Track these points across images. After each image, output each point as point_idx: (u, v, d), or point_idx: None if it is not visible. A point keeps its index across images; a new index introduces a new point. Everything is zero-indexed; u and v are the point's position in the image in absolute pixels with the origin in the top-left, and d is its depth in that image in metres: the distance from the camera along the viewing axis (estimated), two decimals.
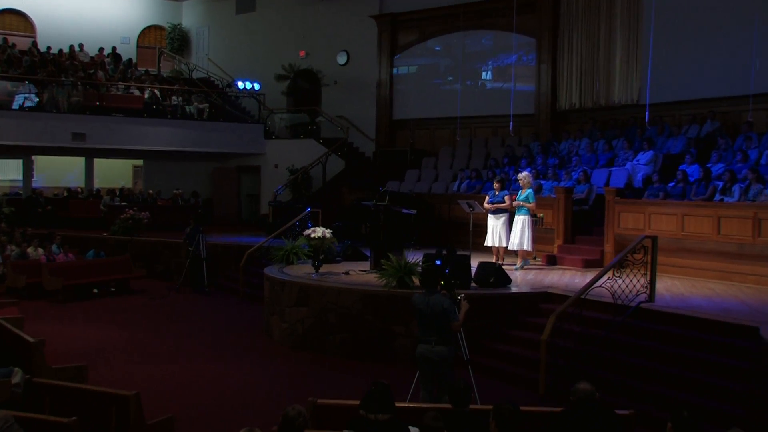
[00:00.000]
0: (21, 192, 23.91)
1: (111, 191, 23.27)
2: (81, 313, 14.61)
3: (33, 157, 26.84)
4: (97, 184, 26.41)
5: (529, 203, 13.79)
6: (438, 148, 23.00)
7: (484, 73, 22.84)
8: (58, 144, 22.05)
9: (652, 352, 9.22)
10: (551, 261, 14.89)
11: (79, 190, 24.24)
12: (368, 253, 13.77)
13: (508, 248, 14.15)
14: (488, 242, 14.43)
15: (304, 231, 12.75)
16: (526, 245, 13.81)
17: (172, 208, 22.81)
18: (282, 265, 13.97)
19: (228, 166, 25.97)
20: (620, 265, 10.12)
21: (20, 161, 26.80)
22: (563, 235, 15.26)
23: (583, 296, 9.76)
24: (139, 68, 27.10)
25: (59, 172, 27.50)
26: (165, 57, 29.65)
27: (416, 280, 11.27)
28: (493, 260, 14.35)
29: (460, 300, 8.03)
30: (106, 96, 23.09)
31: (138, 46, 29.91)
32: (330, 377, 10.42)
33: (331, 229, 12.72)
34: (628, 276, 10.09)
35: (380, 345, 11.11)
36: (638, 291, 10.08)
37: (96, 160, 26.05)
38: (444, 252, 10.45)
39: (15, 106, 21.89)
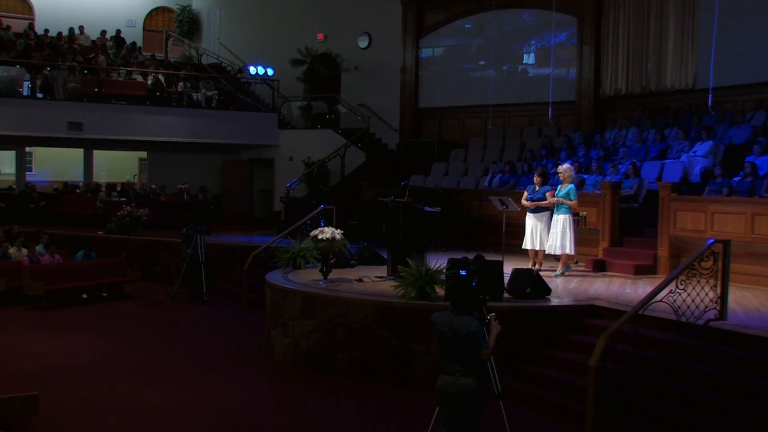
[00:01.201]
0: (15, 186, 22.95)
1: (109, 186, 22.22)
2: (63, 321, 13.54)
3: (31, 149, 26.06)
4: (102, 178, 25.54)
5: (571, 200, 12.45)
6: (468, 139, 21.70)
7: (518, 57, 21.47)
8: (52, 134, 21.07)
9: (724, 382, 7.86)
10: (598, 266, 13.53)
11: (80, 184, 23.23)
12: (388, 257, 12.50)
13: (547, 252, 12.84)
14: (526, 245, 13.14)
15: (311, 231, 11.49)
16: (569, 248, 12.48)
17: (177, 205, 21.71)
18: (288, 270, 12.78)
19: (239, 159, 24.83)
20: (685, 275, 8.77)
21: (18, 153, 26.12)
22: (609, 237, 13.90)
23: (641, 311, 8.44)
24: (144, 53, 26.04)
25: (63, 165, 26.57)
26: (173, 41, 28.57)
27: (440, 290, 10.04)
28: (530, 265, 13.12)
29: (489, 320, 6.75)
30: (105, 82, 22.04)
31: (144, 30, 28.91)
32: (335, 405, 9.19)
33: (342, 230, 11.46)
34: (693, 288, 8.74)
35: (396, 366, 9.86)
36: (706, 306, 8.72)
37: (101, 153, 25.15)
38: (470, 259, 9.14)
39: (27, 93, 21.10)
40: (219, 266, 17.00)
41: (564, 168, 12.74)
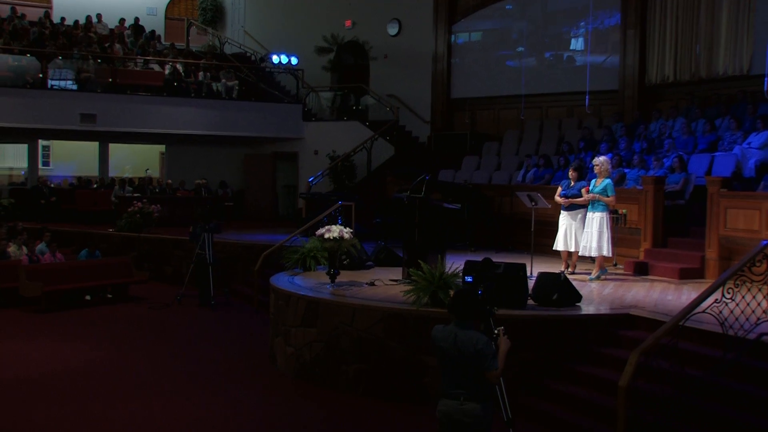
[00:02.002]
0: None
1: (123, 181, 21.72)
2: (58, 325, 12.97)
3: (48, 142, 25.76)
4: (128, 172, 25.08)
5: (608, 197, 11.55)
6: (503, 131, 20.82)
7: (555, 43, 20.51)
8: (64, 126, 20.65)
9: None
10: (638, 269, 12.60)
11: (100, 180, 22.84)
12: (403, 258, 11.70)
13: (580, 254, 11.96)
14: (558, 245, 12.30)
15: (318, 230, 10.73)
16: (606, 250, 11.58)
17: (194, 201, 21.11)
18: (296, 272, 12.06)
19: (262, 153, 24.22)
20: (733, 282, 7.87)
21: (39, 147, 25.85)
22: (652, 237, 12.95)
23: (681, 323, 7.56)
24: (166, 42, 25.53)
25: (86, 160, 25.95)
26: (197, 30, 28.04)
27: None
28: (562, 268, 12.27)
29: (497, 335, 5.96)
30: (120, 72, 21.55)
31: (166, 18, 28.41)
32: (336, 424, 8.44)
33: (364, 228, 10.71)
34: (743, 296, 7.83)
35: (406, 381, 9.08)
36: (758, 318, 7.81)
37: (128, 147, 24.69)
38: (478, 263, 8.28)
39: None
40: (235, 266, 16.38)
41: (600, 161, 11.84)
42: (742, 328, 7.65)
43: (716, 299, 7.63)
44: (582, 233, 11.88)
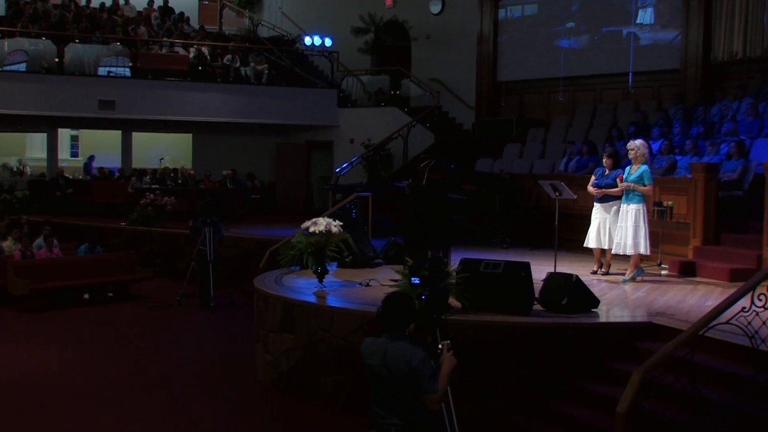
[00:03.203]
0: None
1: (142, 171, 21.23)
2: (43, 326, 12.45)
3: (76, 132, 25.56)
4: (167, 163, 24.57)
5: (644, 185, 10.43)
6: (553, 116, 19.67)
7: (609, 18, 19.22)
8: (82, 113, 20.31)
9: None
10: (685, 270, 11.43)
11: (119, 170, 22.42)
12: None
13: (614, 251, 10.86)
14: (590, 242, 11.22)
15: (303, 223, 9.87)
16: (642, 247, 10.46)
17: (218, 193, 20.44)
18: (295, 270, 11.24)
19: (296, 142, 23.49)
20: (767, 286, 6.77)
21: (65, 136, 25.71)
22: (702, 233, 11.76)
23: (701, 333, 6.49)
24: (199, 26, 25.01)
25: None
26: (234, 13, 27.43)
27: (452, 300, 8.30)
28: (595, 268, 11.22)
29: (441, 350, 5.04)
30: (141, 56, 21.05)
31: (200, 0, 27.91)
32: None
33: (341, 222, 9.83)
34: None
35: None
36: None
37: (166, 136, 24.22)
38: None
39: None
40: (247, 263, 15.65)
41: (636, 144, 10.71)
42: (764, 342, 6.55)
43: (743, 307, 6.52)
44: (616, 228, 10.79)
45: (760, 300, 6.50)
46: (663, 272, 11.68)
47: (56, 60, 20.16)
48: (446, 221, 9.99)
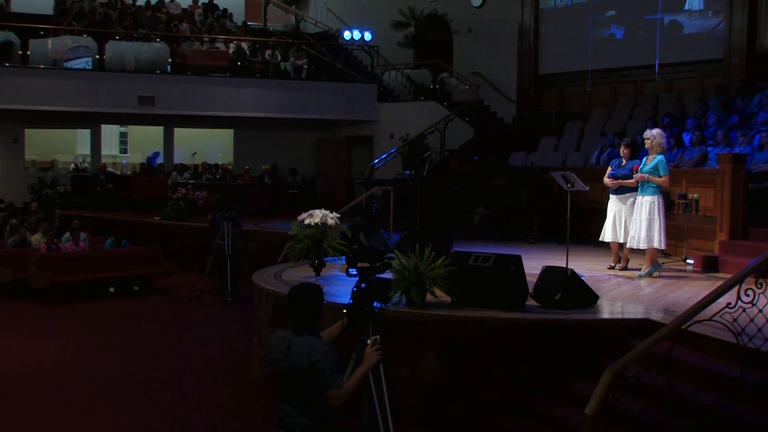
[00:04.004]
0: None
1: (182, 167, 21.20)
2: (65, 319, 12.37)
3: (125, 128, 25.73)
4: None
5: (659, 177, 9.87)
6: (593, 109, 19.06)
7: (651, 6, 18.49)
8: (122, 110, 20.38)
9: None
10: (708, 265, 10.84)
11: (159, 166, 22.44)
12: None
13: (628, 245, 10.34)
14: (606, 236, 10.73)
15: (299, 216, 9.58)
16: (657, 241, 9.91)
17: (256, 188, 20.34)
18: (304, 264, 10.93)
19: (336, 137, 23.25)
20: (755, 281, 6.24)
21: (114, 133, 25.92)
22: (729, 227, 11.12)
23: (684, 327, 6.02)
24: (242, 22, 24.96)
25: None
26: (278, 9, 27.31)
27: (440, 294, 7.94)
28: (612, 263, 10.72)
29: (362, 345, 4.71)
30: (180, 52, 21.03)
31: None
32: None
33: (338, 214, 9.51)
34: None
35: None
36: None
37: (223, 132, 24.21)
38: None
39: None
40: (273, 258, 15.38)
41: (653, 134, 10.16)
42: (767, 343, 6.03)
43: (729, 303, 6.01)
44: (632, 221, 10.26)
45: (747, 295, 5.99)
46: (688, 267, 11.13)
47: (96, 57, 20.23)
48: (446, 213, 9.57)
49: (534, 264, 9.29)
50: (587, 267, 10.97)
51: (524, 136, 19.62)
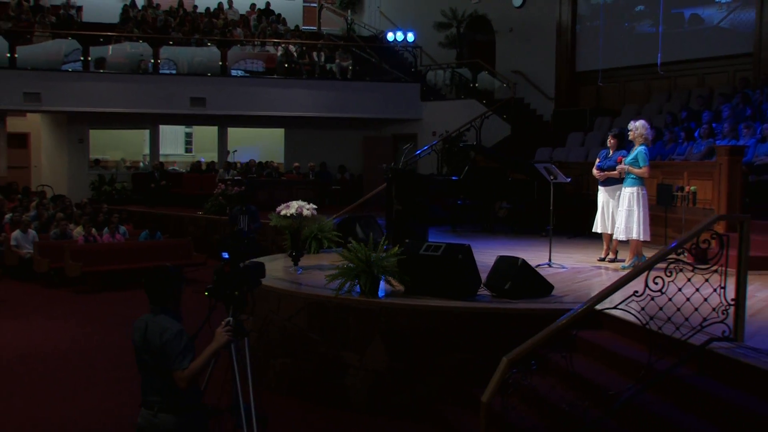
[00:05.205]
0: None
1: (230, 164, 21.40)
2: (93, 307, 12.52)
3: (190, 129, 26.15)
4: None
5: (639, 168, 9.43)
6: (629, 105, 18.47)
7: (682, 1, 17.80)
8: (175, 110, 20.69)
9: None
10: (699, 257, 10.25)
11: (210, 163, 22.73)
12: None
13: (615, 237, 9.92)
14: (596, 227, 10.32)
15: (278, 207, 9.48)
16: (636, 232, 9.47)
17: (299, 184, 20.36)
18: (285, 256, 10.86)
19: (382, 135, 23.12)
20: (665, 269, 5.90)
21: (180, 133, 26.38)
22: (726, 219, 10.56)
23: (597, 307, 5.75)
24: (294, 26, 25.06)
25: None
26: (332, 13, 27.36)
27: (395, 283, 7.77)
28: (602, 254, 10.32)
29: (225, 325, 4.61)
30: (230, 55, 21.24)
31: (304, 3, 27.96)
32: None
33: (315, 205, 9.37)
34: (680, 288, 5.85)
35: (327, 379, 7.68)
36: (707, 317, 5.77)
37: (259, 131, 24.42)
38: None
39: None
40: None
41: (636, 125, 9.69)
42: (678, 330, 5.66)
43: (635, 291, 5.66)
44: (617, 212, 9.85)
45: (656, 283, 5.64)
46: (683, 259, 10.59)
47: (151, 61, 20.61)
48: (421, 203, 9.34)
49: (529, 257, 8.98)
50: (578, 258, 10.63)
51: (561, 132, 19.15)
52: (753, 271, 9.38)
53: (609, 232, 10.12)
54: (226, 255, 4.95)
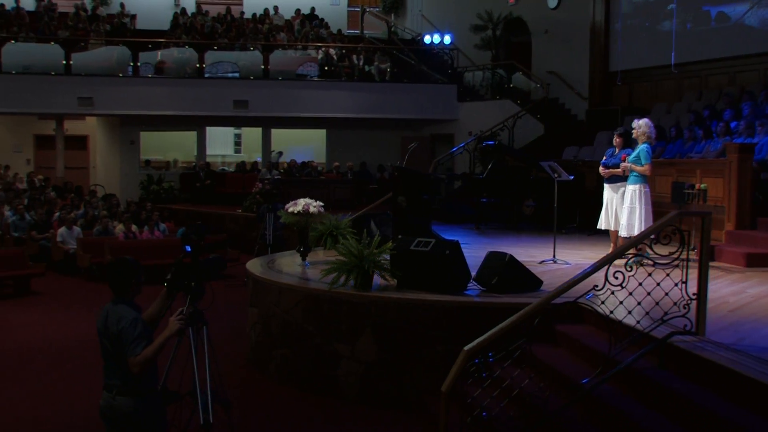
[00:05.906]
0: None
1: (272, 164, 21.66)
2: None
3: (239, 130, 26.54)
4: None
5: (641, 166, 9.33)
6: (660, 104, 18.17)
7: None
8: (219, 113, 21.06)
9: None
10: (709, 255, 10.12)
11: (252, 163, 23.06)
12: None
13: (619, 234, 9.82)
14: (601, 224, 10.25)
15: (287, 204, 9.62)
16: (638, 229, 9.36)
17: (337, 183, 20.52)
18: (308, 251, 10.97)
19: (420, 135, 23.13)
20: (625, 264, 5.85)
21: (229, 134, 26.77)
22: (736, 216, 10.40)
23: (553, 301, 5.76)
24: (337, 30, 25.23)
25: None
26: (375, 18, 27.44)
27: (388, 278, 7.83)
28: (610, 250, 10.20)
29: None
30: (272, 59, 21.52)
31: (348, 8, 28.11)
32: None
33: (322, 203, 9.49)
34: (641, 283, 5.80)
35: (321, 370, 7.79)
36: (668, 311, 5.71)
37: (302, 132, 24.67)
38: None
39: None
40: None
41: (639, 123, 9.61)
42: (639, 323, 5.62)
43: (595, 285, 5.63)
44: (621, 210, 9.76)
45: (616, 278, 5.60)
46: (692, 257, 10.44)
47: (197, 65, 21.01)
48: (424, 198, 9.39)
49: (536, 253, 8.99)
50: (586, 255, 10.56)
51: (593, 131, 18.94)
52: (758, 269, 9.30)
53: (614, 229, 10.04)
54: (188, 248, 5.08)
